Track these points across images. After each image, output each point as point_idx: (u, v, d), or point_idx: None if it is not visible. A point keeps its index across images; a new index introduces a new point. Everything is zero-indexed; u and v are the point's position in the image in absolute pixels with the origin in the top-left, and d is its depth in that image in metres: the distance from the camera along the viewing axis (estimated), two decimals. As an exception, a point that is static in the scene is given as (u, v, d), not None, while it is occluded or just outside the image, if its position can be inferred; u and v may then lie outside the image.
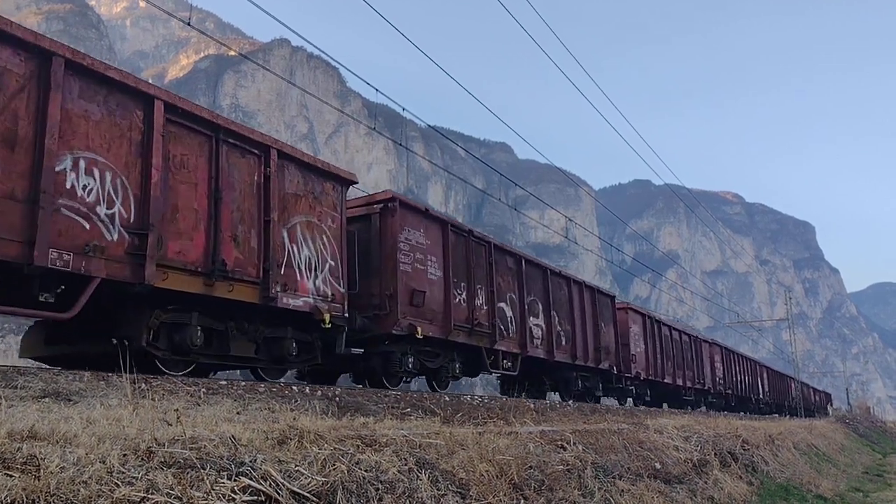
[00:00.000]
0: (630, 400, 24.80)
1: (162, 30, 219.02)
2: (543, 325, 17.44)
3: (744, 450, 13.70)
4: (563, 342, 18.43)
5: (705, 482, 10.21)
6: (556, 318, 18.17)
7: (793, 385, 55.37)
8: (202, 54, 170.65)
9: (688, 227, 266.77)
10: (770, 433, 17.88)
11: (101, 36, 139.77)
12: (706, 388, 32.06)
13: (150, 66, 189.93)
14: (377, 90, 15.13)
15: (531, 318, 16.85)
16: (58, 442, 3.72)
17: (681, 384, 28.55)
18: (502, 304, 15.63)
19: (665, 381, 26.51)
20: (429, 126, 26.86)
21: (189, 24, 11.98)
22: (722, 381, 35.30)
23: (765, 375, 46.05)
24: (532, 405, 13.06)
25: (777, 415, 43.60)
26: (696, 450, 11.45)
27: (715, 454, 11.94)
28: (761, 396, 43.84)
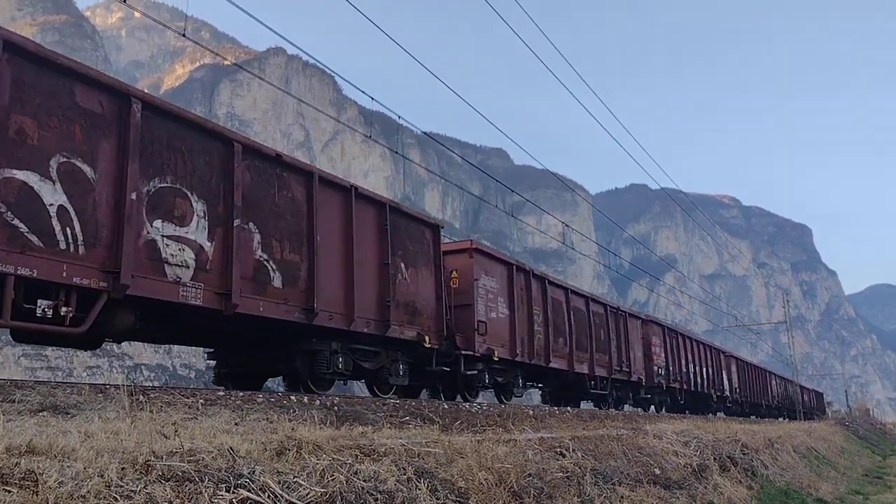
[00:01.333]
0: (482, 397, 16.57)
1: (157, 40, 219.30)
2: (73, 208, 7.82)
3: (743, 454, 13.70)
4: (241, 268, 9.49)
5: (705, 487, 10.20)
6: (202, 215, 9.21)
7: (773, 381, 49.01)
8: (198, 64, 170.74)
9: (685, 231, 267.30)
10: (769, 437, 17.89)
11: (96, 46, 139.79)
12: (635, 379, 24.39)
13: (145, 76, 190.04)
14: (373, 98, 15.14)
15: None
16: (56, 456, 3.72)
17: (585, 372, 20.23)
18: None
19: (552, 365, 18.17)
20: (424, 133, 26.93)
21: (184, 36, 11.99)
22: (663, 372, 27.13)
23: (733, 368, 38.26)
24: (531, 412, 13.06)
25: (755, 416, 38.87)
26: (695, 454, 11.45)
27: (714, 459, 11.94)
28: (728, 394, 35.94)
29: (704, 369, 32.68)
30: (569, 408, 18.13)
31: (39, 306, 7.22)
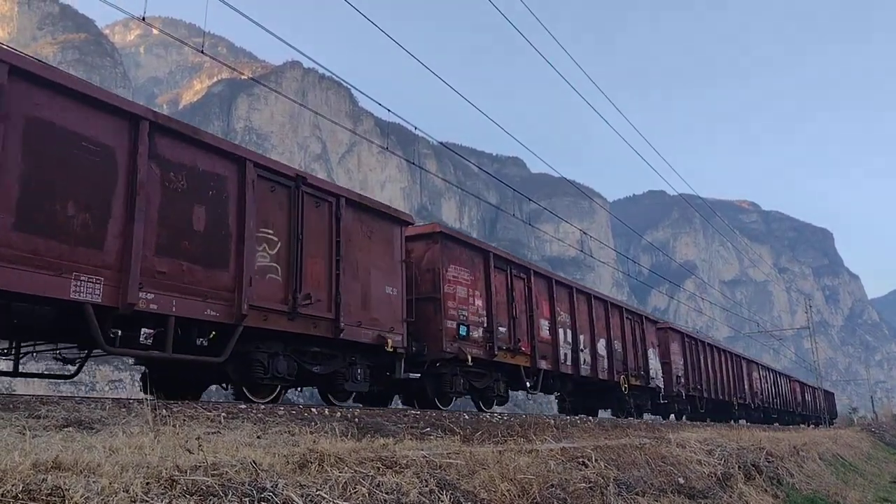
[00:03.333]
0: None
1: (175, 56, 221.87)
2: None
3: (768, 462, 13.52)
4: None
5: (730, 496, 10.08)
6: None
7: (756, 373, 37.43)
8: (215, 79, 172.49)
9: (704, 237, 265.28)
10: (794, 444, 17.66)
11: (115, 64, 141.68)
12: (368, 340, 11.41)
13: (164, 92, 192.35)
14: (389, 110, 15.20)
15: None
16: (82, 472, 3.74)
17: (86, 298, 7.45)
18: None
19: None
20: (440, 143, 26.98)
21: (202, 52, 12.13)
22: (486, 336, 14.55)
23: (674, 347, 26.66)
24: (552, 421, 12.99)
25: (732, 421, 30.27)
26: (719, 463, 11.32)
27: (739, 467, 11.79)
28: (659, 385, 24.11)
29: (607, 343, 20.21)
30: (590, 417, 16.37)
31: None
